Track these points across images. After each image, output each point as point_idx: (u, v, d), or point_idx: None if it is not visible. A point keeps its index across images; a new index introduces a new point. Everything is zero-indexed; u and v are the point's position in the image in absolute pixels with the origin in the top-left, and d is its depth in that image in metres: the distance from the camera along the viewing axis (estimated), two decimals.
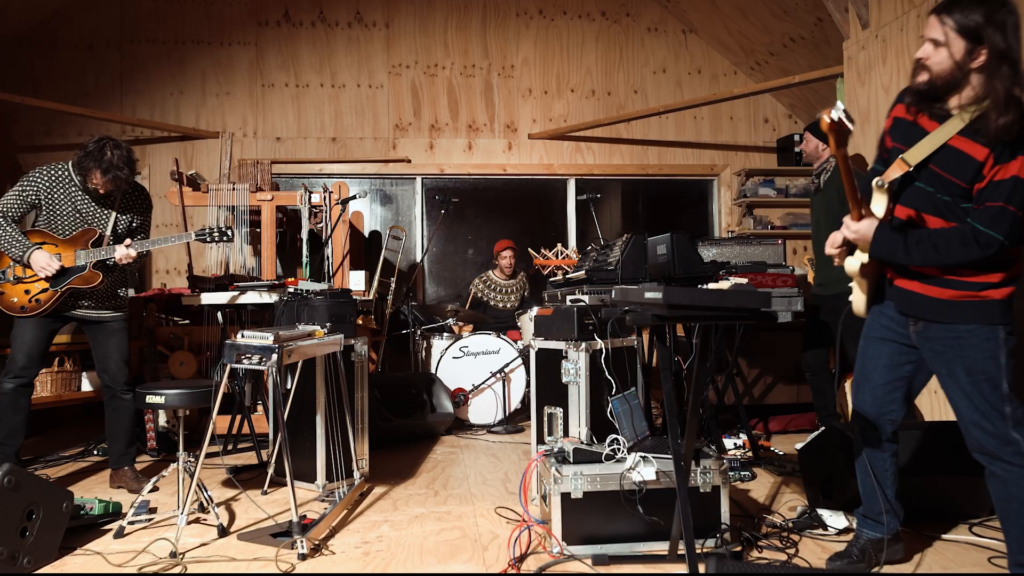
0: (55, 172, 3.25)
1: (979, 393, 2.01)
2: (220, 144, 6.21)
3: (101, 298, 3.36)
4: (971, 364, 2.02)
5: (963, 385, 2.04)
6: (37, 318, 3.22)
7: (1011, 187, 1.90)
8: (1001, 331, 1.99)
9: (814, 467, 3.00)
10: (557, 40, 6.60)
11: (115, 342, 3.37)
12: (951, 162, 1.98)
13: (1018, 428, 1.98)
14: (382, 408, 4.39)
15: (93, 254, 3.25)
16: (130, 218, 3.39)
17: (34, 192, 3.23)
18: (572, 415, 3.11)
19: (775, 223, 6.52)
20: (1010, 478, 1.99)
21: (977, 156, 1.93)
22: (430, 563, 2.45)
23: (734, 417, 4.44)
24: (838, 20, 4.61)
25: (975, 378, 2.01)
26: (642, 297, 2.18)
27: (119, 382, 3.35)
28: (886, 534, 2.31)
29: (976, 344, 2.01)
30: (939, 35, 1.94)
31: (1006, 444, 1.98)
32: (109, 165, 3.13)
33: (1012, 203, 1.90)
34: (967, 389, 2.03)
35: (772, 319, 2.18)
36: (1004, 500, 2.02)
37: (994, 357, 1.99)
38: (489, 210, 6.67)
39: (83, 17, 6.13)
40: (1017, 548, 2.03)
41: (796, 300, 3.40)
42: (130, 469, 3.43)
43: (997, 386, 1.99)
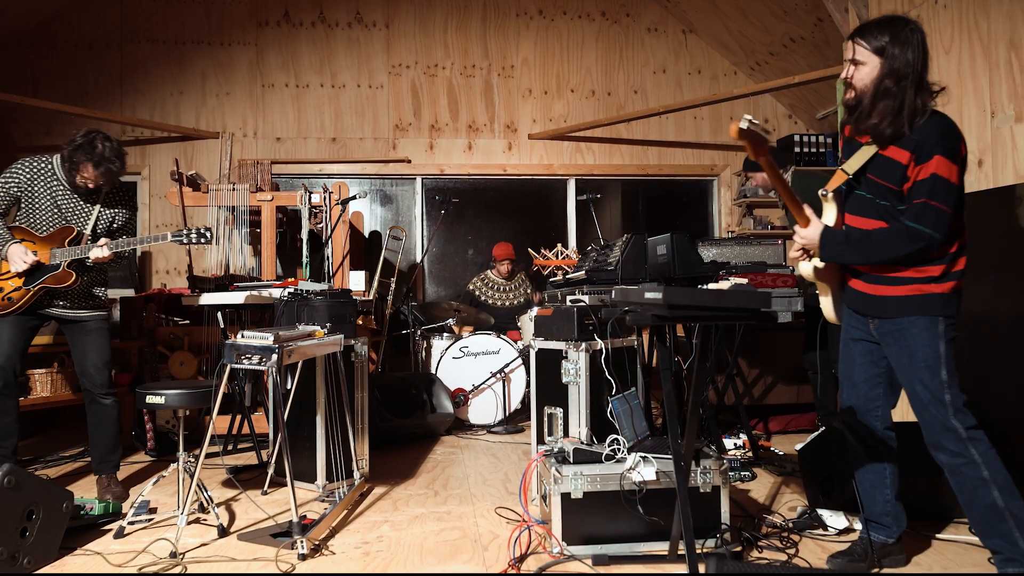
0: (37, 165, 3.14)
1: (920, 381, 2.11)
2: (220, 144, 6.21)
3: (77, 297, 3.22)
4: (912, 352, 2.13)
5: (908, 375, 2.15)
6: (12, 317, 3.09)
7: (931, 184, 2.05)
8: (941, 322, 2.11)
9: (814, 467, 3.00)
10: (557, 40, 6.60)
11: (92, 342, 3.23)
12: (882, 169, 2.16)
13: (957, 416, 2.07)
14: (382, 408, 4.39)
15: (68, 252, 3.12)
16: (113, 215, 3.27)
17: (15, 185, 3.11)
18: (572, 415, 3.11)
19: (775, 223, 6.51)
20: (954, 466, 2.08)
21: (901, 160, 2.10)
22: (430, 563, 2.45)
23: (734, 417, 4.44)
24: (838, 20, 4.61)
25: (916, 366, 2.12)
26: (642, 297, 2.18)
27: (96, 384, 3.22)
28: (889, 536, 2.32)
29: (916, 333, 2.12)
30: (858, 56, 2.15)
31: (946, 432, 2.08)
32: (101, 158, 3.04)
33: (934, 198, 2.05)
34: (911, 379, 2.14)
35: (772, 319, 2.19)
36: (957, 488, 2.11)
37: (932, 345, 2.10)
38: (489, 210, 6.67)
39: (83, 17, 6.13)
40: (980, 532, 2.11)
41: (796, 300, 3.41)
42: (108, 478, 3.28)
43: (936, 373, 2.09)
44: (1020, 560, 2.00)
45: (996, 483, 2.02)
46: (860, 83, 2.16)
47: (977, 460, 2.04)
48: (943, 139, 2.06)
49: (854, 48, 2.15)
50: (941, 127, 2.08)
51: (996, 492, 2.02)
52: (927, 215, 2.05)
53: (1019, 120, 3.24)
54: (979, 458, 2.04)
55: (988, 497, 2.03)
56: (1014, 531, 2.00)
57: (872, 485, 2.36)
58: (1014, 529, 2.00)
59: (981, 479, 2.04)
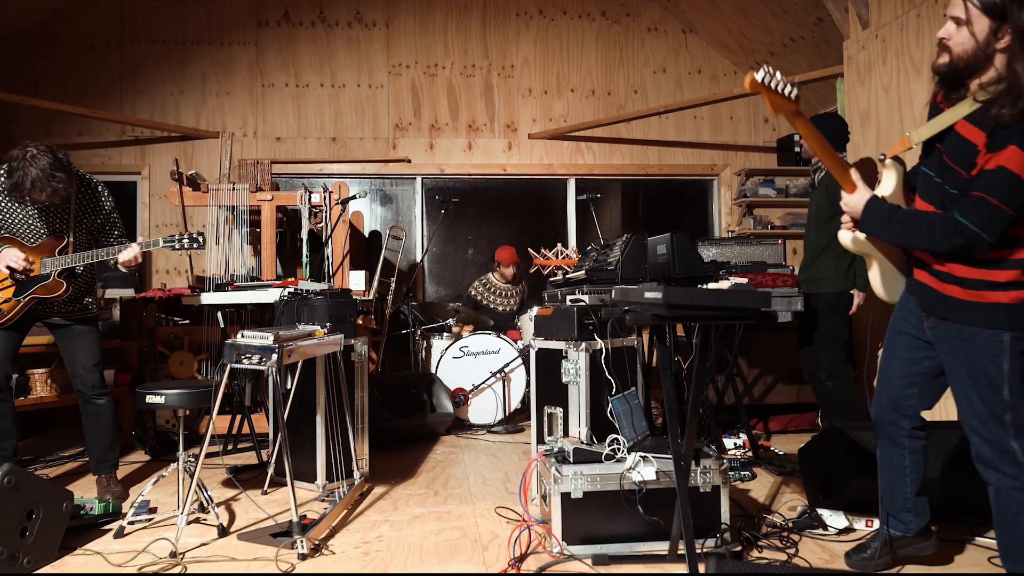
0: (3, 181, 2.96)
1: (979, 397, 1.95)
2: (220, 144, 6.21)
3: (66, 308, 3.18)
4: (973, 366, 1.96)
5: (965, 387, 1.99)
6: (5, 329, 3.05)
7: (995, 177, 1.79)
8: (1006, 336, 1.90)
9: (814, 467, 3.00)
10: (557, 40, 6.60)
11: (81, 344, 3.20)
12: (955, 149, 1.91)
13: (1018, 438, 1.91)
14: (382, 408, 4.39)
15: (58, 262, 3.06)
16: (91, 219, 3.20)
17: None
18: (572, 415, 3.11)
19: (775, 223, 6.52)
20: (1003, 488, 1.95)
21: (976, 141, 1.84)
22: (430, 563, 2.45)
23: (734, 417, 4.43)
24: (838, 20, 4.61)
25: (977, 381, 1.95)
26: (642, 297, 2.18)
27: (88, 386, 3.19)
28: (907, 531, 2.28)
29: (979, 347, 1.94)
30: (961, 13, 1.83)
31: (1002, 453, 1.93)
32: (41, 181, 2.83)
33: (992, 194, 1.80)
34: (968, 392, 1.98)
35: (772, 319, 2.18)
36: (997, 510, 1.99)
37: (996, 361, 1.92)
38: (489, 210, 6.67)
39: (83, 17, 6.13)
40: (1006, 556, 2.01)
41: (796, 300, 3.40)
42: (107, 477, 3.27)
43: (998, 391, 1.92)
44: None
45: None
46: (959, 47, 1.85)
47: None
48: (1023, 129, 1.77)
49: (964, 2, 1.82)
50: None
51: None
52: (979, 211, 1.82)
53: None
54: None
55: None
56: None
57: (891, 483, 2.29)
58: None
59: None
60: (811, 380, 3.95)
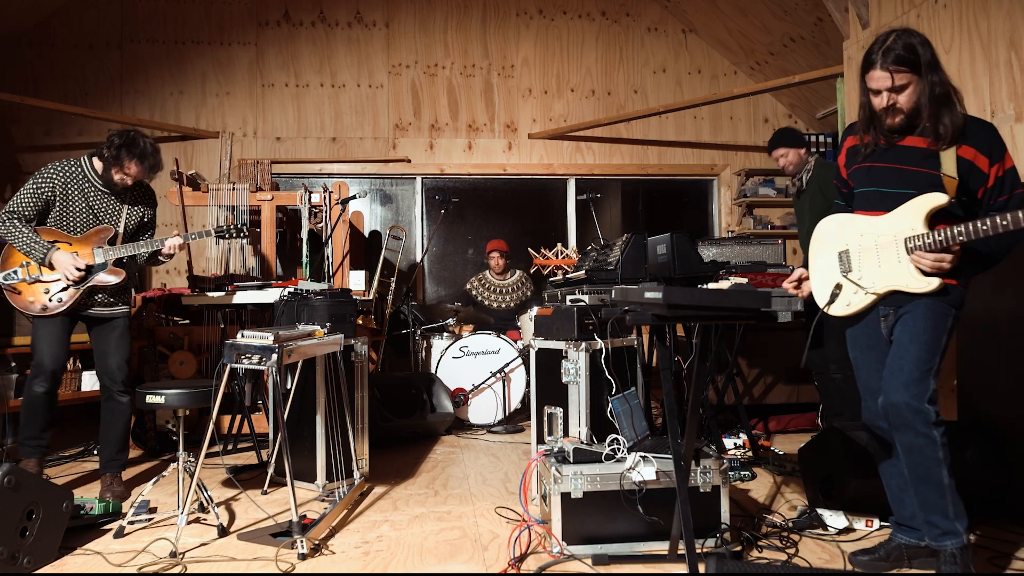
0: (69, 168, 3.21)
1: (915, 359, 2.12)
2: (220, 144, 6.21)
3: (114, 293, 3.32)
4: (917, 331, 2.14)
5: (903, 351, 2.15)
6: (58, 317, 3.19)
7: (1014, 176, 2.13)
8: (951, 315, 2.14)
9: (814, 467, 3.00)
10: (557, 40, 6.60)
11: (117, 340, 3.31)
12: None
13: (933, 403, 2.11)
14: (382, 408, 4.39)
15: (115, 251, 3.25)
16: (141, 213, 3.38)
17: (49, 189, 3.19)
18: (572, 415, 3.11)
19: (775, 223, 6.52)
20: (917, 446, 2.12)
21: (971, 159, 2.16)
22: (430, 563, 2.45)
23: (734, 417, 4.43)
24: (838, 20, 4.61)
25: (917, 343, 2.13)
26: (642, 297, 2.18)
27: (117, 381, 3.27)
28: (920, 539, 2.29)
29: (928, 316, 2.13)
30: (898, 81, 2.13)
31: (918, 413, 2.10)
32: (144, 153, 3.15)
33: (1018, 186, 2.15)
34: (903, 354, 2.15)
35: (772, 319, 2.17)
36: (911, 467, 2.16)
37: (938, 330, 2.12)
38: (489, 210, 6.67)
39: (83, 17, 6.13)
40: (925, 507, 2.17)
41: (796, 300, 3.38)
42: (112, 476, 3.29)
43: (933, 356, 2.12)
44: (954, 533, 2.12)
45: (947, 463, 2.11)
46: (906, 103, 2.15)
47: (938, 441, 2.10)
48: (998, 137, 2.16)
49: (891, 76, 2.12)
50: (992, 127, 2.18)
51: (945, 471, 2.11)
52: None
53: (1019, 120, 3.24)
54: (939, 439, 2.10)
55: (939, 475, 2.11)
56: (949, 507, 2.12)
57: (900, 489, 2.32)
58: (949, 505, 2.12)
59: (937, 459, 2.11)
60: (819, 376, 3.94)
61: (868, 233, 2.24)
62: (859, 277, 2.24)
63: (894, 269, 2.16)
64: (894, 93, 2.13)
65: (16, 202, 3.16)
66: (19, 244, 3.14)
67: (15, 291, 3.18)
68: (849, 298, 2.27)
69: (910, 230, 2.12)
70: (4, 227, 3.13)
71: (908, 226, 2.13)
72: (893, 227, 2.17)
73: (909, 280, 2.13)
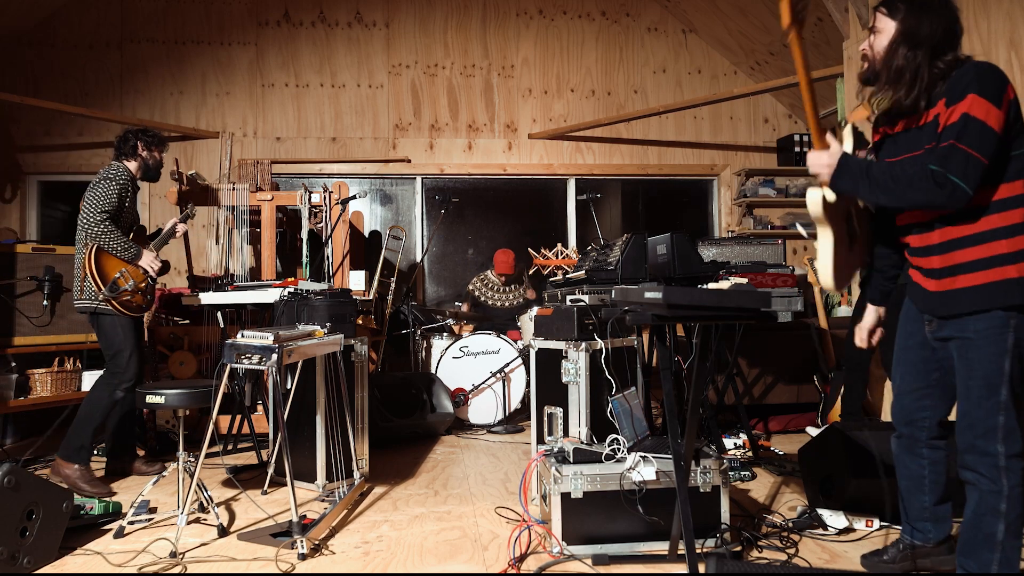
0: (126, 171, 3.41)
1: (976, 398, 1.92)
2: (220, 144, 6.21)
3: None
4: (971, 367, 1.93)
5: (964, 387, 1.96)
6: (139, 318, 3.43)
7: (961, 125, 1.83)
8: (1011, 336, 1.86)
9: (814, 467, 3.00)
10: (557, 40, 6.60)
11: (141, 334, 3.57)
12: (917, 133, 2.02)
13: (1005, 441, 1.88)
14: (382, 408, 4.39)
15: (157, 245, 3.52)
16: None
17: (126, 190, 3.37)
18: (572, 415, 3.11)
19: (775, 223, 6.52)
20: (979, 488, 1.94)
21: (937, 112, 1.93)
22: (430, 563, 2.45)
23: (734, 417, 4.44)
24: (838, 20, 4.61)
25: (974, 381, 1.92)
26: (642, 297, 2.18)
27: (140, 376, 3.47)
28: (926, 541, 2.26)
29: (980, 346, 1.90)
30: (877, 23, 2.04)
31: (984, 455, 1.91)
32: (165, 141, 3.58)
33: (962, 141, 1.82)
34: (965, 392, 1.96)
35: (772, 319, 2.17)
36: (969, 508, 1.98)
37: (996, 360, 1.88)
38: (489, 210, 6.67)
39: (83, 17, 6.13)
40: (962, 551, 2.00)
41: (796, 300, 3.39)
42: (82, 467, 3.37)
43: (995, 391, 1.89)
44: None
45: (1007, 518, 1.90)
46: (875, 49, 2.02)
47: (1004, 492, 1.89)
48: (979, 78, 1.84)
49: (875, 17, 2.02)
50: (978, 68, 1.87)
51: (1002, 527, 1.90)
52: (954, 159, 1.81)
53: None
54: (1007, 491, 1.89)
55: (993, 527, 1.91)
56: (994, 565, 1.94)
57: (908, 490, 2.27)
58: (995, 563, 1.94)
59: (996, 510, 1.91)
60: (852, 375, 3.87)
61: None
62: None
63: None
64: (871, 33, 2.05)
65: (106, 202, 3.28)
66: (115, 245, 3.30)
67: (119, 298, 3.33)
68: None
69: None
70: (104, 229, 3.26)
71: None
72: None
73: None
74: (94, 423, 3.30)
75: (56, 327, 4.24)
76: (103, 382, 3.36)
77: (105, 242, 3.27)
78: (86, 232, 3.28)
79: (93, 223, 3.24)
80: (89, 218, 3.25)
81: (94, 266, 3.28)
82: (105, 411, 3.34)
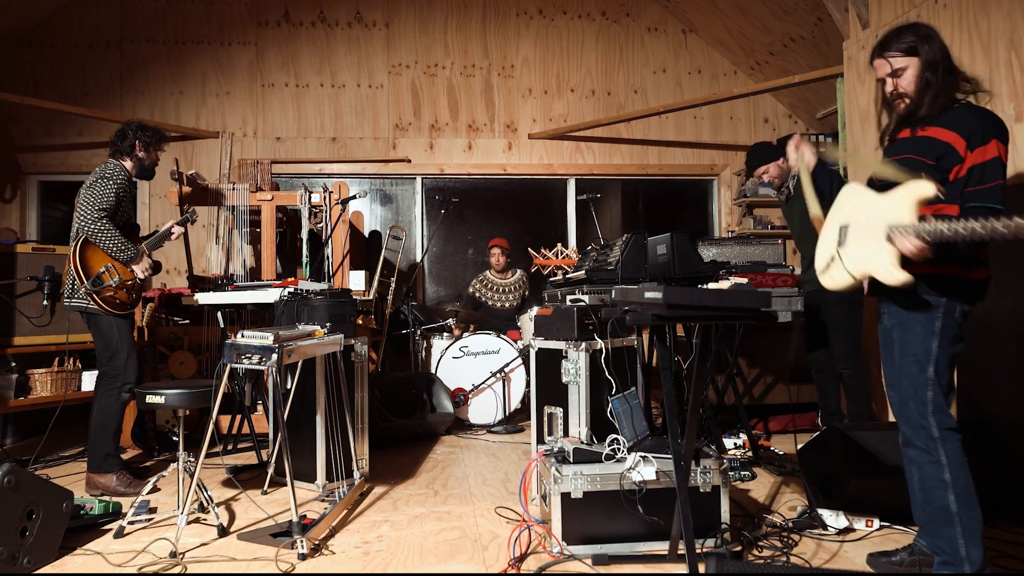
0: (123, 169, 3.39)
1: (907, 376, 2.09)
2: (220, 144, 6.21)
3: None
4: (904, 346, 2.11)
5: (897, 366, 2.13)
6: (130, 316, 3.40)
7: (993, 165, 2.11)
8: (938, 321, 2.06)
9: (814, 467, 3.00)
10: (557, 40, 6.60)
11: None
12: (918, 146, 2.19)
13: (935, 415, 2.04)
14: (382, 408, 4.39)
15: (150, 246, 3.46)
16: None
17: (124, 189, 3.35)
18: (572, 415, 3.11)
19: (775, 223, 6.51)
20: (919, 463, 2.07)
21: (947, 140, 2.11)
22: (430, 563, 2.45)
23: (734, 417, 4.44)
24: (838, 20, 4.61)
25: (906, 360, 2.10)
26: (642, 297, 2.18)
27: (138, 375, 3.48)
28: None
29: (912, 327, 2.09)
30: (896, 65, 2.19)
31: (919, 429, 2.06)
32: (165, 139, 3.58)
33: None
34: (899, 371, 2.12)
35: (772, 319, 2.17)
36: (915, 487, 2.10)
37: (925, 340, 2.06)
38: (489, 210, 6.67)
39: (83, 17, 6.13)
40: (924, 529, 2.11)
41: (796, 300, 3.39)
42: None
43: (924, 368, 2.06)
44: (958, 565, 2.00)
45: (955, 488, 2.00)
46: (908, 87, 2.18)
47: (943, 461, 2.01)
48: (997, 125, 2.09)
49: (888, 63, 2.19)
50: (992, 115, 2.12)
51: (952, 497, 2.00)
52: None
53: (1019, 120, 3.24)
54: (945, 459, 2.01)
55: (943, 500, 2.01)
56: (959, 537, 1.99)
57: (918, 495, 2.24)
58: (959, 536, 1.99)
59: (942, 481, 2.01)
60: (819, 376, 3.93)
61: (866, 211, 2.13)
62: (845, 255, 2.16)
63: (873, 254, 2.05)
64: (894, 77, 2.19)
65: (104, 199, 3.25)
66: (111, 244, 3.25)
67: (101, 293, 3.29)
68: (835, 273, 2.20)
69: (895, 217, 2.00)
70: (101, 227, 3.22)
71: (895, 212, 2.01)
72: (884, 210, 2.06)
73: (880, 269, 2.01)
74: (111, 430, 3.28)
75: (56, 327, 4.24)
76: (106, 387, 3.31)
77: (102, 241, 3.22)
78: (83, 231, 3.24)
79: (90, 221, 3.19)
80: (87, 216, 3.20)
81: (78, 259, 3.23)
82: (118, 416, 3.31)
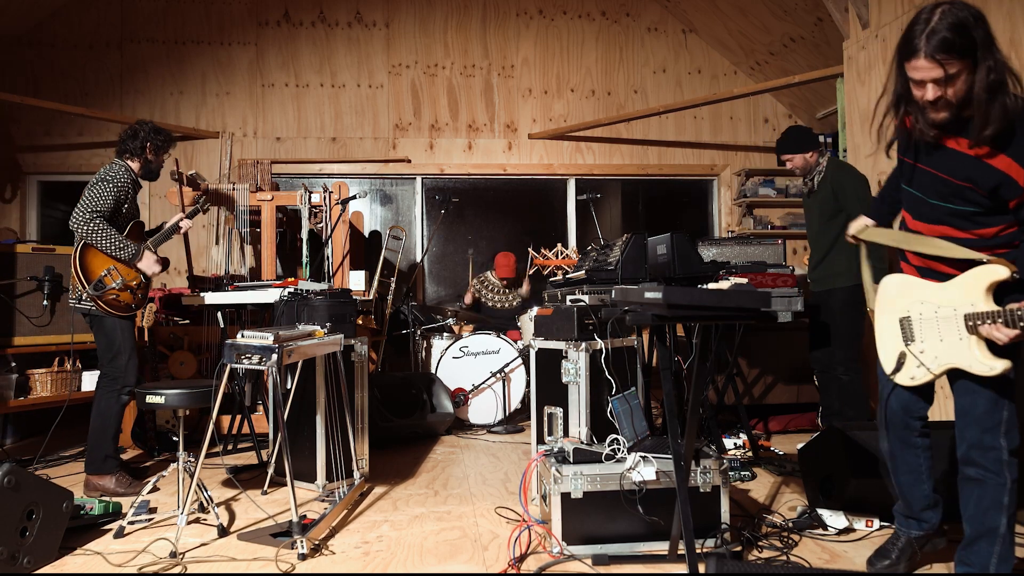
0: (127, 171, 3.38)
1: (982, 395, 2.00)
2: (220, 144, 6.21)
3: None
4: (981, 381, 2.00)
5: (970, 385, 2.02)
6: (132, 318, 3.37)
7: None
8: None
9: (814, 467, 3.00)
10: (557, 40, 6.60)
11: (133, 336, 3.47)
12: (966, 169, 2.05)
13: (1007, 436, 1.98)
14: (382, 408, 4.39)
15: (156, 242, 3.43)
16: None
17: (124, 191, 3.32)
18: (572, 415, 3.11)
19: (775, 223, 6.52)
20: (983, 480, 2.01)
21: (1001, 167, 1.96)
22: (430, 563, 2.45)
23: (734, 417, 4.44)
24: (838, 20, 4.61)
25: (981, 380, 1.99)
26: (642, 297, 2.18)
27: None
28: (929, 529, 2.29)
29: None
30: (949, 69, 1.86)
31: (989, 450, 1.99)
32: (173, 142, 3.57)
33: None
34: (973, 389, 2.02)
35: (772, 319, 2.17)
36: (972, 502, 2.04)
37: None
38: (489, 210, 6.67)
39: (83, 17, 6.13)
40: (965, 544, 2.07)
41: (796, 300, 3.39)
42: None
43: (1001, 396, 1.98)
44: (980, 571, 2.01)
45: (1009, 512, 1.98)
46: (960, 95, 1.87)
47: (1008, 485, 1.97)
48: None
49: (942, 67, 1.84)
50: None
51: (1005, 520, 1.99)
52: None
53: None
54: (1010, 484, 1.97)
55: (997, 521, 1.99)
56: (993, 557, 2.01)
57: (910, 485, 2.28)
58: (994, 556, 2.01)
59: (1000, 503, 1.98)
60: (820, 375, 3.94)
61: (929, 302, 2.07)
62: (921, 351, 2.09)
63: (955, 348, 1.99)
64: (942, 85, 1.86)
65: (100, 202, 3.22)
66: (107, 244, 3.22)
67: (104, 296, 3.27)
68: (913, 371, 2.13)
69: (970, 305, 1.95)
70: (94, 227, 3.19)
71: (968, 301, 1.96)
72: (953, 300, 2.00)
73: (972, 361, 1.95)
74: (110, 432, 3.27)
75: (56, 327, 4.24)
76: (105, 389, 3.30)
77: (97, 241, 3.19)
78: (76, 232, 3.21)
79: (82, 222, 3.16)
80: (78, 217, 3.17)
81: (78, 263, 3.21)
82: (117, 418, 3.31)
